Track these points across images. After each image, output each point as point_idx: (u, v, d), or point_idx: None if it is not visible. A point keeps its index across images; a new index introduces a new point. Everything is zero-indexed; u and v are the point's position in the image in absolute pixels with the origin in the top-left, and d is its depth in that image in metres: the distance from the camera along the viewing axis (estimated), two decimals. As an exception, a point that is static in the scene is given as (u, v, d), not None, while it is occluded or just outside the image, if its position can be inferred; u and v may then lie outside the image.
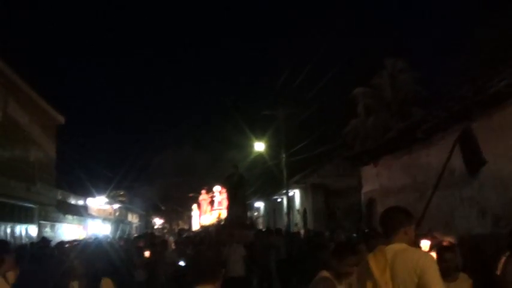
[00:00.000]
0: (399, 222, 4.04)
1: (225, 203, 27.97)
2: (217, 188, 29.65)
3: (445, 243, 6.56)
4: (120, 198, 59.82)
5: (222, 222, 23.46)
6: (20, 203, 23.13)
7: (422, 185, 13.92)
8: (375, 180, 18.71)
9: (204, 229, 26.78)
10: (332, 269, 4.95)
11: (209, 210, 30.21)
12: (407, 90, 27.89)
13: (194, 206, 33.75)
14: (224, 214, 27.38)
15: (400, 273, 3.72)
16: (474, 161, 9.72)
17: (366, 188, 19.93)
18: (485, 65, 16.10)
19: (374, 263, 3.88)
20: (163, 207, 74.56)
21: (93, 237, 21.28)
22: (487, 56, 17.27)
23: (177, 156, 64.46)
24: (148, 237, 16.93)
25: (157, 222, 75.54)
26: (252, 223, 31.69)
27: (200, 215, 31.84)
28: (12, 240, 21.24)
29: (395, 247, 3.86)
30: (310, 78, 27.39)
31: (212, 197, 30.26)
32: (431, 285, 3.61)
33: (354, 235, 18.90)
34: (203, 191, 31.81)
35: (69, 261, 7.99)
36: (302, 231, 24.60)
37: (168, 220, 72.31)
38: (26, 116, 23.93)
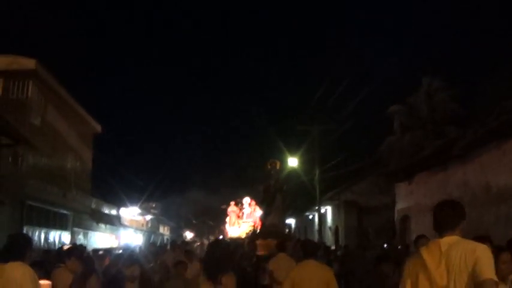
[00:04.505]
0: (459, 217, 3.93)
1: (255, 215, 27.92)
2: (246, 200, 29.54)
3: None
4: (153, 210, 60.29)
5: (257, 232, 22.90)
6: (55, 209, 23.37)
7: (458, 202, 13.80)
8: (409, 198, 18.58)
9: (232, 241, 26.69)
10: None
11: (238, 222, 30.13)
12: (444, 109, 27.62)
13: (228, 219, 33.75)
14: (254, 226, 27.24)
15: (455, 263, 3.62)
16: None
17: (400, 205, 19.80)
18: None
19: (428, 256, 3.79)
20: (194, 221, 74.76)
21: (125, 247, 21.43)
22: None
23: (210, 171, 64.72)
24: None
25: (189, 235, 75.72)
26: (290, 233, 31.38)
27: (229, 228, 31.82)
28: (45, 246, 21.49)
29: (450, 240, 3.77)
30: (346, 95, 27.38)
31: (241, 208, 30.15)
32: (484, 273, 3.49)
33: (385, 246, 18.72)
34: (232, 203, 31.75)
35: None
36: (333, 247, 24.38)
37: (198, 234, 72.36)
38: (65, 123, 24.29)
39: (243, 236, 26.97)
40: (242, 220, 29.61)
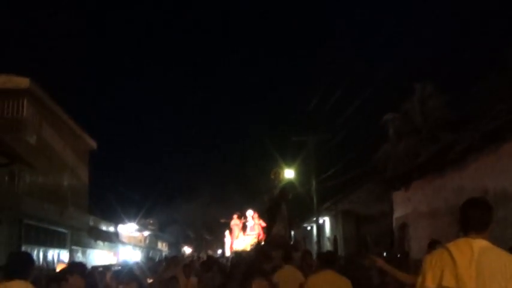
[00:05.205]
0: (491, 219, 3.72)
1: (258, 228, 27.88)
2: (249, 213, 29.45)
3: None
4: (150, 226, 60.17)
5: (263, 243, 22.61)
6: (53, 227, 23.28)
7: (455, 208, 13.80)
8: (406, 205, 18.57)
9: (237, 254, 26.61)
10: None
11: (241, 235, 30.02)
12: (437, 115, 27.59)
13: (227, 232, 33.62)
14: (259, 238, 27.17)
15: (486, 271, 3.43)
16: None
17: (398, 213, 19.79)
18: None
19: (458, 253, 3.55)
20: (191, 235, 74.47)
21: (124, 263, 21.42)
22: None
23: (207, 186, 64.60)
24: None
25: (187, 250, 75.45)
26: (297, 244, 31.35)
27: (232, 241, 31.66)
28: (44, 265, 21.39)
29: (482, 243, 3.56)
30: (340, 104, 27.44)
31: (244, 222, 30.07)
32: None
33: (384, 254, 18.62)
34: (235, 216, 31.62)
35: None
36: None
37: (196, 248, 71.99)
38: (60, 140, 24.27)
39: (248, 248, 26.89)
40: (246, 233, 29.53)
